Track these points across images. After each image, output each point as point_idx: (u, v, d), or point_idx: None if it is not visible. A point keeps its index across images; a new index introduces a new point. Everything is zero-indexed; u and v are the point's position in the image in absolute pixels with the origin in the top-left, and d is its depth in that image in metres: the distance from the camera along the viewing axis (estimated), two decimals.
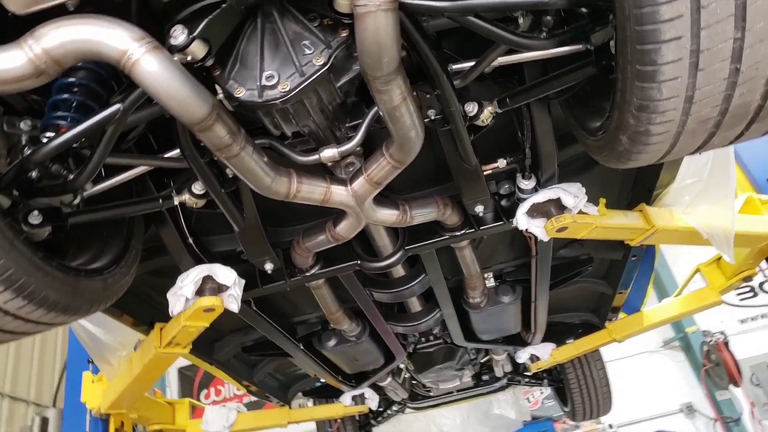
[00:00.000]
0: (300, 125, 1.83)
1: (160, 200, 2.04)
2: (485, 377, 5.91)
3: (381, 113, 1.73)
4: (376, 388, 5.04)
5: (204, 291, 2.50)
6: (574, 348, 4.42)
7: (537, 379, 5.84)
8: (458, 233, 2.66)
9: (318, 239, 2.49)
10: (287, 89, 1.59)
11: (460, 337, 3.99)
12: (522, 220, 2.47)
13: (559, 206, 2.45)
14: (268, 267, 2.58)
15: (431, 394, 5.94)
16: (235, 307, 2.57)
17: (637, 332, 4.27)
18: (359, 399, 4.80)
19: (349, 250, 2.78)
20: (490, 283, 3.54)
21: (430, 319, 3.59)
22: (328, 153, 1.92)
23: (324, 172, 2.10)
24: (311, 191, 2.02)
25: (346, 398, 4.79)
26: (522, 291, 3.58)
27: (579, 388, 5.19)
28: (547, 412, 10.31)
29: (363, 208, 2.20)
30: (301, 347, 3.66)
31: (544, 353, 4.46)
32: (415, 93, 1.89)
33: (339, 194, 2.10)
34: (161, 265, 2.67)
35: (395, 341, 3.92)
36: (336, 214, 2.37)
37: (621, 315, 4.40)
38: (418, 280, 3.07)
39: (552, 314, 4.52)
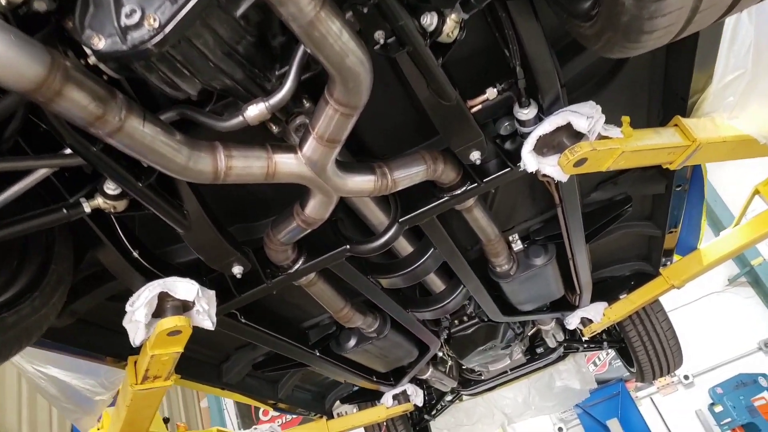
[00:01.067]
0: (203, 78, 1.40)
1: (65, 209, 1.63)
2: (539, 350, 5.41)
3: (301, 41, 1.29)
4: (418, 382, 4.61)
5: (164, 311, 2.10)
6: (628, 303, 3.88)
7: (595, 343, 5.31)
8: (458, 191, 2.19)
9: (289, 228, 2.06)
10: (157, 25, 1.16)
11: (497, 312, 3.52)
12: (530, 160, 1.99)
13: (572, 134, 1.95)
14: (237, 271, 2.17)
15: (483, 377, 5.47)
16: (208, 323, 2.17)
17: (697, 274, 3.71)
18: (401, 397, 4.38)
19: (337, 234, 2.35)
20: (518, 246, 3.06)
21: (456, 298, 3.13)
22: (254, 110, 1.49)
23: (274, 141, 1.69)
24: (248, 166, 1.60)
25: (388, 398, 4.37)
26: (556, 249, 3.08)
27: (643, 346, 4.64)
28: (617, 373, 9.71)
29: (326, 177, 1.77)
30: (318, 354, 3.25)
31: (595, 314, 3.94)
32: (350, 14, 1.45)
33: (287, 164, 1.67)
34: (120, 288, 2.29)
35: (424, 329, 3.48)
36: (303, 194, 1.94)
37: (676, 258, 3.84)
38: (427, 255, 2.61)
39: (598, 270, 4.01)
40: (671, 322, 4.64)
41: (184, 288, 2.09)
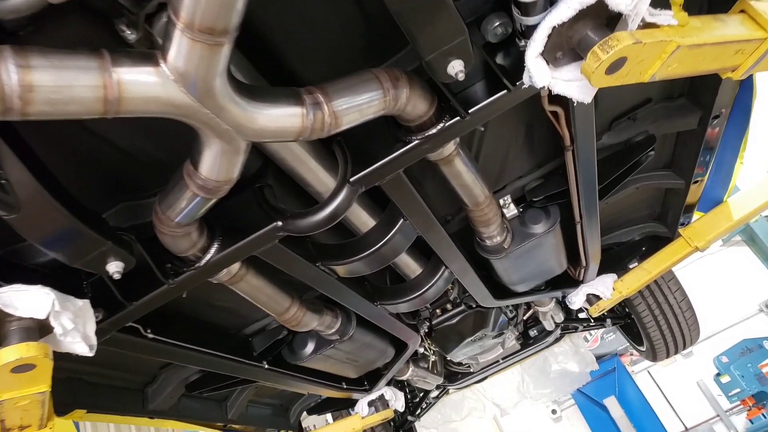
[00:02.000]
0: None
1: None
2: (533, 333, 4.83)
3: None
4: (397, 384, 3.99)
5: (8, 337, 1.42)
6: (643, 273, 3.29)
7: (597, 320, 4.75)
8: (432, 131, 1.53)
9: (183, 200, 1.39)
10: None
11: (487, 296, 2.90)
12: (538, 70, 1.34)
13: (599, 25, 1.30)
14: (114, 269, 1.49)
15: (472, 370, 4.89)
16: (82, 347, 1.51)
17: (725, 232, 3.13)
18: (379, 403, 3.75)
19: (264, 207, 1.67)
20: (511, 211, 2.43)
21: (436, 283, 2.49)
22: None
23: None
24: (65, 86, 0.94)
25: (363, 406, 3.73)
26: (559, 212, 2.46)
27: (654, 321, 4.08)
28: (610, 348, 9.27)
29: (217, 107, 1.11)
30: (266, 367, 2.59)
31: (604, 290, 3.34)
32: None
33: (141, 84, 1.00)
34: None
35: (398, 324, 2.84)
36: (192, 143, 1.27)
37: (696, 215, 3.26)
38: (395, 228, 1.95)
39: (603, 235, 3.41)
40: (685, 291, 4.08)
41: (29, 300, 1.41)
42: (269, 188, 1.71)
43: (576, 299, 3.39)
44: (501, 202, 2.41)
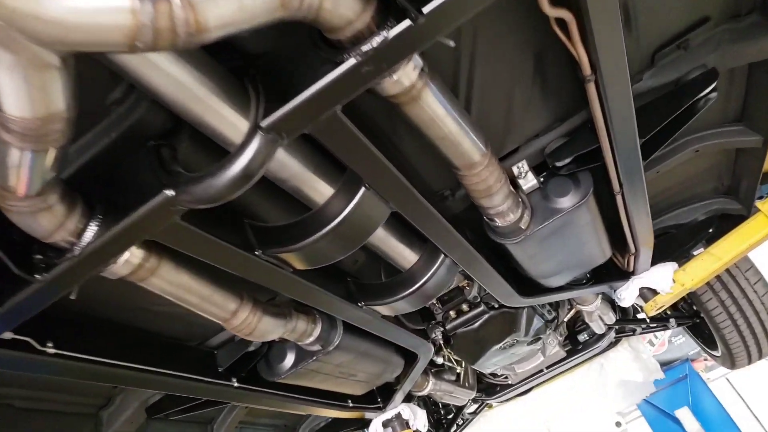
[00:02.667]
0: None
1: None
2: (581, 337, 4.22)
3: None
4: (420, 401, 3.49)
5: None
6: (711, 260, 2.67)
7: (657, 321, 4.10)
8: (371, 45, 1.06)
9: (8, 158, 0.98)
10: None
11: (511, 294, 2.38)
12: None
13: None
14: None
15: (511, 381, 4.33)
16: None
17: None
18: (396, 423, 3.25)
19: (157, 171, 1.23)
20: (529, 181, 1.92)
21: (435, 274, 1.98)
22: None
23: None
24: None
25: (376, 427, 3.24)
26: (591, 179, 1.93)
27: (731, 320, 3.41)
28: (680, 352, 8.41)
29: None
30: (236, 385, 2.16)
31: (662, 282, 2.75)
32: None
33: None
34: None
35: (398, 330, 2.36)
36: None
37: None
38: (356, 199, 1.47)
39: (659, 215, 2.84)
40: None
41: None
42: (169, 148, 1.27)
43: (626, 294, 2.81)
44: (516, 169, 1.90)
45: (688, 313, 4.02)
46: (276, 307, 1.86)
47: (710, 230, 2.85)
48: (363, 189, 1.45)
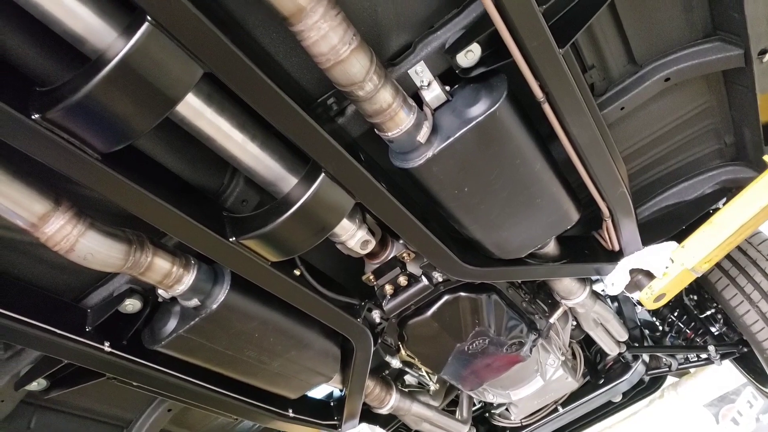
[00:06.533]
0: None
1: None
2: (602, 367, 3.70)
3: None
4: (381, 421, 3.10)
5: None
6: (716, 229, 2.24)
7: (694, 349, 3.50)
8: None
9: None
10: None
11: (445, 255, 2.07)
12: None
13: None
14: None
15: (514, 417, 3.79)
16: None
17: None
18: None
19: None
20: (433, 90, 1.68)
21: (315, 193, 1.70)
22: None
23: None
24: None
25: None
26: (506, 81, 1.67)
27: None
28: None
29: None
30: (107, 349, 1.93)
31: (656, 262, 2.34)
32: None
33: None
34: None
35: (307, 294, 2.08)
36: None
37: None
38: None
39: (655, 191, 2.52)
40: None
41: None
42: None
43: (615, 279, 2.42)
44: (416, 80, 1.66)
45: (731, 340, 3.47)
46: (115, 228, 1.63)
47: (722, 202, 2.46)
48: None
